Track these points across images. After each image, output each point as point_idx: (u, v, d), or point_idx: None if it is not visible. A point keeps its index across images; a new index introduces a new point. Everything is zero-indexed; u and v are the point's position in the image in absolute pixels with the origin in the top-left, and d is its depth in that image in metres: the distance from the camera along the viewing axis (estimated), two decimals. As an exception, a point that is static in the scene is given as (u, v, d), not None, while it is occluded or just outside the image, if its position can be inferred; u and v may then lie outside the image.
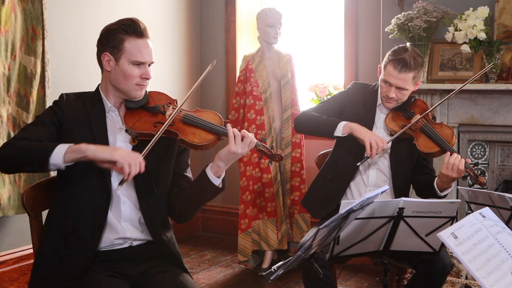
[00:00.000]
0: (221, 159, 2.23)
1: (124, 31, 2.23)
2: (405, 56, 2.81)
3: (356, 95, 3.05)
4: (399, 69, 2.80)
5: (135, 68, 2.24)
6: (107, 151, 2.09)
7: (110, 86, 2.29)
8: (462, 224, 1.78)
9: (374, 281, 4.12)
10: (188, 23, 5.19)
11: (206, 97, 5.31)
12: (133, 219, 2.28)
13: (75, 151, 2.08)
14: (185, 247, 4.86)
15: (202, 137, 2.25)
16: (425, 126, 2.86)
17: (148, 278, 2.26)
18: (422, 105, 2.98)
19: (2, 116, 3.61)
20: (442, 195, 2.85)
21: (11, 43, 3.63)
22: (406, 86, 2.84)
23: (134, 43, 2.23)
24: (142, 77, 2.25)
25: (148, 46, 2.26)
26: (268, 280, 1.89)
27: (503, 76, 3.85)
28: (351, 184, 3.01)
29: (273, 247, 4.34)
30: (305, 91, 4.97)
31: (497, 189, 4.00)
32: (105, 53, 2.25)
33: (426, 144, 2.83)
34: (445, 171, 2.72)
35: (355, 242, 2.31)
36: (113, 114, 2.31)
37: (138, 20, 2.28)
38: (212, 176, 2.24)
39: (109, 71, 2.26)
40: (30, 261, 3.82)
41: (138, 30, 2.24)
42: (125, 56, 2.23)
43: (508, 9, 3.83)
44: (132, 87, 2.26)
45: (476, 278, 1.69)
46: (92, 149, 2.08)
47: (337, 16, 4.92)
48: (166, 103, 2.34)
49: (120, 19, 2.29)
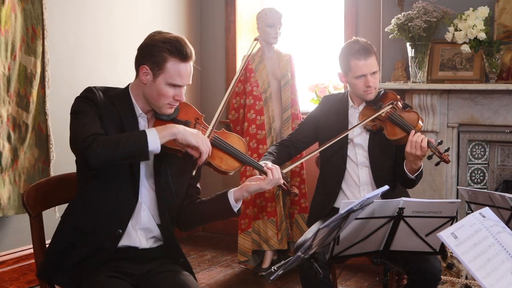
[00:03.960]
0: (248, 192, 2.29)
1: (169, 52, 2.18)
2: (361, 45, 2.93)
3: (327, 107, 3.13)
4: (364, 57, 2.90)
5: (170, 89, 2.21)
6: (193, 136, 2.13)
7: (142, 95, 2.27)
8: (462, 224, 1.78)
9: (374, 281, 4.12)
10: (188, 23, 5.19)
11: (206, 97, 5.31)
12: (148, 228, 2.29)
13: (166, 135, 2.11)
14: (185, 247, 4.85)
15: (229, 164, 2.29)
16: (392, 115, 2.89)
17: (152, 277, 2.26)
18: (391, 96, 3.01)
19: (2, 116, 3.61)
20: (413, 177, 2.85)
21: (11, 43, 3.63)
22: (376, 69, 2.94)
23: (176, 66, 2.19)
24: (175, 98, 2.23)
25: (188, 70, 2.23)
26: (268, 280, 1.89)
27: (503, 76, 3.85)
28: (343, 186, 3.04)
29: (273, 247, 4.34)
30: (305, 91, 4.97)
31: (497, 189, 3.99)
32: (144, 65, 2.21)
33: (393, 131, 2.87)
34: (409, 149, 2.76)
35: (355, 242, 2.31)
36: (141, 120, 2.29)
37: (186, 42, 2.24)
38: (234, 202, 2.29)
39: (145, 84, 2.23)
40: (30, 261, 3.82)
41: (183, 53, 2.20)
42: (164, 76, 2.19)
43: (508, 9, 3.83)
44: (164, 105, 2.24)
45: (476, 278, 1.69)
46: (182, 132, 2.12)
47: (337, 16, 4.92)
48: (194, 118, 2.34)
49: (168, 36, 2.23)
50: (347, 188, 3.04)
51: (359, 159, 3.01)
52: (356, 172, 3.02)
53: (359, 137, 3.03)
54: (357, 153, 3.02)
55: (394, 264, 2.75)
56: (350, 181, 3.04)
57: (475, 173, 4.05)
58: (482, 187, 4.05)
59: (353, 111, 3.06)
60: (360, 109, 3.03)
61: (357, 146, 3.03)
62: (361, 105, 3.04)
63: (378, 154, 2.99)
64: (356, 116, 3.04)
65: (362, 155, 3.01)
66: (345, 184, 3.04)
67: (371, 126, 2.94)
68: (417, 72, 3.98)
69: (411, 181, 2.89)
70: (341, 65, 3.01)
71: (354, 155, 3.03)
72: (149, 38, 2.25)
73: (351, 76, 2.95)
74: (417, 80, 4.00)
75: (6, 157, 3.65)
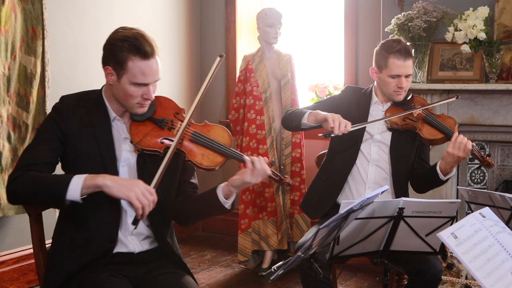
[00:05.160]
0: (234, 187, 2.20)
1: (129, 50, 2.09)
2: (404, 45, 2.93)
3: (350, 97, 3.09)
4: (404, 58, 2.89)
5: (136, 89, 2.14)
6: (123, 190, 2.02)
7: (113, 97, 2.22)
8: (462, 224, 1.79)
9: (374, 281, 4.12)
10: (188, 23, 5.19)
11: (206, 97, 5.31)
12: (140, 233, 2.26)
13: (91, 186, 2.03)
14: (185, 247, 4.86)
15: (211, 160, 2.19)
16: (428, 116, 2.93)
17: (151, 279, 2.25)
18: (421, 100, 3.05)
19: (2, 116, 3.61)
20: (445, 179, 2.87)
21: (11, 43, 3.63)
22: (411, 72, 2.95)
23: (138, 64, 2.10)
24: (144, 97, 2.16)
25: (153, 67, 2.13)
26: (268, 280, 1.89)
27: (503, 76, 3.85)
28: (349, 180, 3.02)
29: (273, 247, 4.34)
30: (305, 91, 4.97)
31: (497, 189, 4.00)
32: (107, 66, 2.15)
33: (430, 132, 2.91)
34: (452, 150, 2.77)
35: (355, 242, 2.31)
36: (118, 123, 2.24)
37: (145, 37, 2.13)
38: (223, 199, 2.21)
39: (111, 85, 2.17)
40: (30, 261, 3.82)
41: (143, 51, 2.10)
42: (127, 76, 2.12)
43: (508, 9, 3.83)
44: (133, 105, 2.18)
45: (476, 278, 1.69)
46: (109, 185, 2.02)
47: (337, 16, 4.92)
48: (173, 114, 2.26)
49: (128, 33, 2.13)
50: (353, 184, 3.02)
51: (372, 156, 2.99)
52: (366, 169, 2.99)
53: (381, 134, 3.00)
54: (372, 150, 2.99)
55: (394, 264, 2.75)
56: (357, 177, 3.01)
57: (475, 173, 4.05)
58: (482, 187, 4.05)
59: (376, 107, 3.03)
60: (385, 107, 3.01)
61: (377, 143, 2.99)
62: (386, 104, 3.02)
63: (400, 153, 2.98)
64: (379, 112, 3.01)
65: (377, 152, 2.99)
66: (351, 178, 3.02)
67: (400, 124, 2.93)
68: (417, 72, 3.98)
69: (440, 183, 2.90)
70: (377, 60, 2.97)
71: (368, 151, 2.99)
72: (110, 36, 2.16)
73: (385, 73, 2.93)
74: (417, 80, 4.00)
75: (6, 157, 3.65)
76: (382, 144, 2.99)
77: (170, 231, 2.37)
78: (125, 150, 2.23)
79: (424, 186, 3.02)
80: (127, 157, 2.23)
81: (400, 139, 2.97)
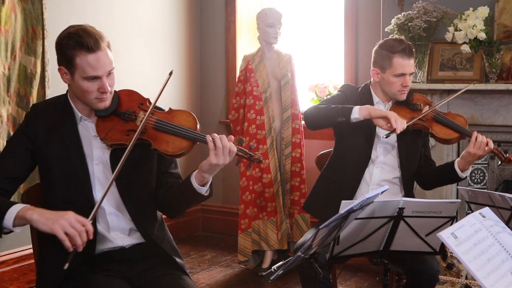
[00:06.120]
0: (204, 171, 2.15)
1: (73, 47, 2.10)
2: (407, 44, 2.93)
3: (351, 95, 3.07)
4: (408, 57, 2.90)
5: (91, 83, 2.13)
6: (47, 223, 1.97)
7: (75, 97, 2.23)
8: (462, 224, 1.78)
9: (374, 281, 4.12)
10: (188, 23, 5.19)
11: (206, 97, 5.31)
12: (123, 228, 2.25)
13: (22, 218, 2.01)
14: (185, 247, 4.86)
15: (176, 146, 2.15)
16: (438, 115, 2.95)
17: (149, 281, 2.24)
18: (422, 98, 3.04)
19: (2, 116, 3.61)
20: (464, 176, 2.91)
21: (11, 43, 3.64)
22: (414, 71, 2.98)
23: (85, 59, 2.10)
24: (100, 91, 2.15)
25: (101, 59, 2.12)
26: (268, 280, 1.89)
27: (503, 76, 3.85)
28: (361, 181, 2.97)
29: (273, 247, 4.34)
30: (305, 91, 4.97)
31: (497, 189, 4.00)
32: (60, 67, 2.17)
33: (445, 132, 2.92)
34: (473, 150, 2.81)
35: (355, 242, 2.31)
36: (86, 122, 2.24)
37: (87, 31, 2.13)
38: (198, 186, 2.16)
39: (69, 84, 2.20)
40: (30, 261, 3.82)
41: (87, 45, 2.10)
42: (78, 73, 2.12)
43: (508, 9, 3.83)
44: (92, 101, 2.17)
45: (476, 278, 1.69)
46: (35, 219, 1.99)
47: (337, 16, 4.92)
48: (138, 105, 2.24)
49: (71, 30, 2.14)
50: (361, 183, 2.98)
51: (379, 157, 2.97)
52: (370, 170, 2.97)
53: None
54: (378, 151, 2.97)
55: (394, 264, 2.75)
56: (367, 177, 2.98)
57: (475, 173, 4.05)
58: (482, 187, 4.05)
59: (379, 107, 2.99)
60: (388, 107, 2.99)
61: (383, 144, 2.96)
62: (388, 104, 3.00)
63: (409, 154, 2.98)
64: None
65: (383, 154, 2.97)
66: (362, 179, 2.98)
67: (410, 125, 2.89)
68: (417, 72, 3.98)
69: (458, 180, 2.95)
70: (379, 61, 2.94)
71: (375, 152, 2.97)
72: (58, 36, 2.17)
73: (389, 73, 2.90)
74: (417, 80, 4.00)
75: (6, 157, 3.65)
76: (388, 145, 2.97)
77: (159, 224, 2.34)
78: (97, 148, 2.23)
79: (437, 183, 3.06)
80: (100, 155, 2.23)
81: (407, 138, 2.96)
